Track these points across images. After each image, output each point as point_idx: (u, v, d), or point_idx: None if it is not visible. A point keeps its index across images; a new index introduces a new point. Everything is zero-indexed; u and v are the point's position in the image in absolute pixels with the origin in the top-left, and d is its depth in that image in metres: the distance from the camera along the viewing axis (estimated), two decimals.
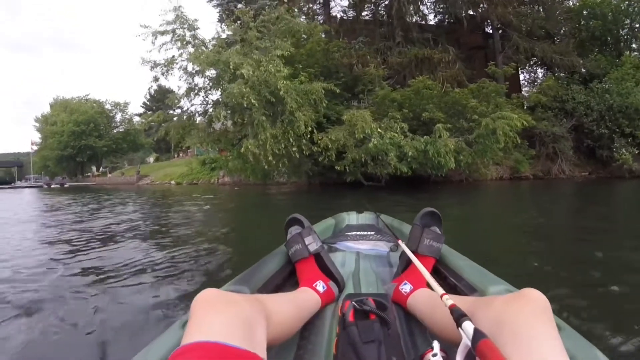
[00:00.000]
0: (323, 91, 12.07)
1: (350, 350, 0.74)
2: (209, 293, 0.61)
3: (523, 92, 22.75)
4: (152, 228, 5.60)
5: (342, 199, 9.87)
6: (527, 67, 25.23)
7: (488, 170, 15.92)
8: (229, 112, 12.90)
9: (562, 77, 21.36)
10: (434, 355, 0.61)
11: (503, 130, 11.45)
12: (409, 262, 1.12)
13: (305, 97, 12.00)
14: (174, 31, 12.65)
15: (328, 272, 1.16)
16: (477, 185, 14.95)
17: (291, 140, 11.60)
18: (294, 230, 1.22)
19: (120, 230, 5.25)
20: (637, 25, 22.34)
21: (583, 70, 20.89)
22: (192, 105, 14.37)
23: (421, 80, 13.57)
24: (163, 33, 12.53)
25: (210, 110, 13.66)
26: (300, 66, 13.50)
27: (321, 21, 20.28)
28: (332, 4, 21.81)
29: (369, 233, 1.83)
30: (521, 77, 25.44)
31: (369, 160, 11.91)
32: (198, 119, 14.55)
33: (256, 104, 11.06)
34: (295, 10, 20.76)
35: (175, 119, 14.26)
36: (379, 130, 11.26)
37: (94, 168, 44.70)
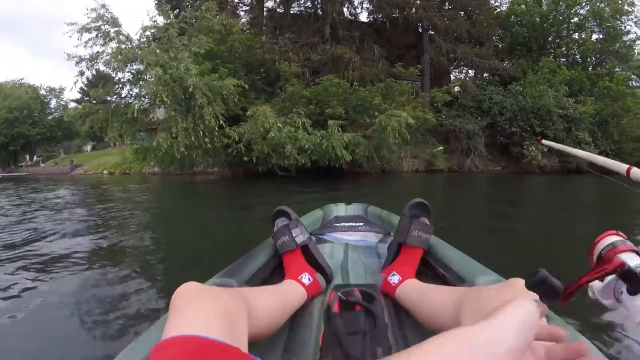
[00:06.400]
0: (233, 87, 13.53)
1: (334, 342, 0.77)
2: (188, 287, 0.64)
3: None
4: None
5: (255, 187, 11.41)
6: (457, 68, 27.74)
7: (401, 162, 17.94)
8: (147, 104, 14.29)
9: (482, 79, 23.94)
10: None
11: (392, 127, 13.39)
12: (397, 253, 1.17)
13: (218, 93, 13.41)
14: (98, 28, 13.72)
15: (316, 264, 1.18)
16: (390, 176, 16.35)
17: (201, 133, 13.05)
18: (281, 222, 1.25)
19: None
20: (564, 33, 25.24)
21: (504, 73, 23.20)
22: (115, 97, 15.72)
23: (329, 79, 15.32)
24: (88, 30, 13.62)
25: (134, 103, 14.82)
26: (220, 61, 14.96)
27: (250, 16, 21.66)
28: None
29: (357, 224, 1.87)
30: (452, 76, 27.98)
31: (271, 152, 13.43)
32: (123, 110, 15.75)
33: (168, 101, 12.42)
34: None
35: (100, 111, 15.16)
36: (278, 124, 12.92)
37: (27, 157, 44.17)
